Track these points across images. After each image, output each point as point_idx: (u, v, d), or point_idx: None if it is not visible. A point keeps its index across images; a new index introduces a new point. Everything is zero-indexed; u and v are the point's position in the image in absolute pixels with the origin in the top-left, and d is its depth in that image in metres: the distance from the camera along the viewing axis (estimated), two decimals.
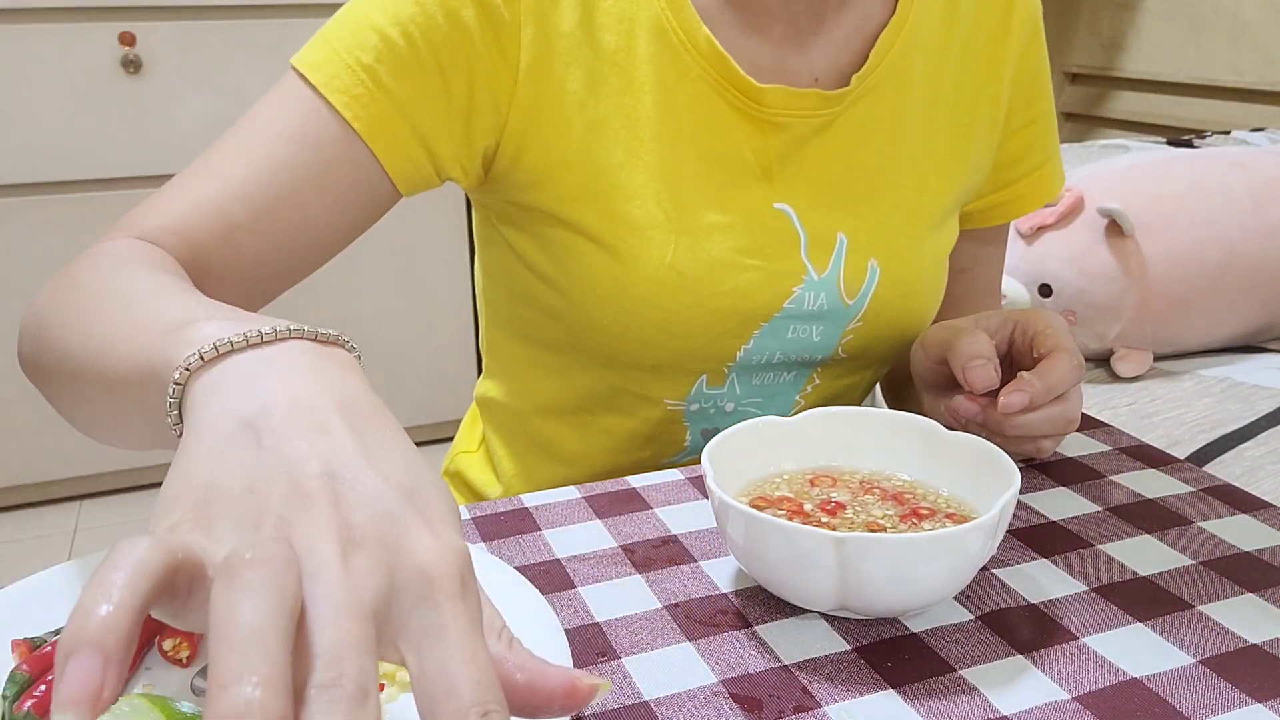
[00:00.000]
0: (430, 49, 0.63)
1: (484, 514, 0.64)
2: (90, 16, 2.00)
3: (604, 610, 0.54)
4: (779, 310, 0.71)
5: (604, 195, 0.66)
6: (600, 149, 0.66)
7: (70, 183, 2.08)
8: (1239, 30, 2.35)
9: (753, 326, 0.71)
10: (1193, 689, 0.47)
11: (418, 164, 0.66)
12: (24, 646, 0.50)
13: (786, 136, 0.69)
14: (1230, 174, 1.32)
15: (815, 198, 0.70)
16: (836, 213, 0.71)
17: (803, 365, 0.75)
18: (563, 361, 0.75)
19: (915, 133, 0.73)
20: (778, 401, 0.77)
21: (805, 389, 0.77)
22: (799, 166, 0.70)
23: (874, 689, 0.47)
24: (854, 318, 0.73)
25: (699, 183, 0.68)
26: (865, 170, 0.71)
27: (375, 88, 0.63)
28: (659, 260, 0.66)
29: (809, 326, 0.72)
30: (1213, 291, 1.28)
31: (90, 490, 2.31)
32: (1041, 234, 1.28)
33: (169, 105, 2.09)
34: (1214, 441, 1.11)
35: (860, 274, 0.72)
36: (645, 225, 0.66)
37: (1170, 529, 0.61)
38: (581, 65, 0.65)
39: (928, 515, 0.55)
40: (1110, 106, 2.72)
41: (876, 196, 0.72)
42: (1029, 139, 0.80)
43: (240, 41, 2.11)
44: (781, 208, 0.69)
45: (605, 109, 0.66)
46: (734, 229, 0.68)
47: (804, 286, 0.70)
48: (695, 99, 0.67)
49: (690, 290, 0.67)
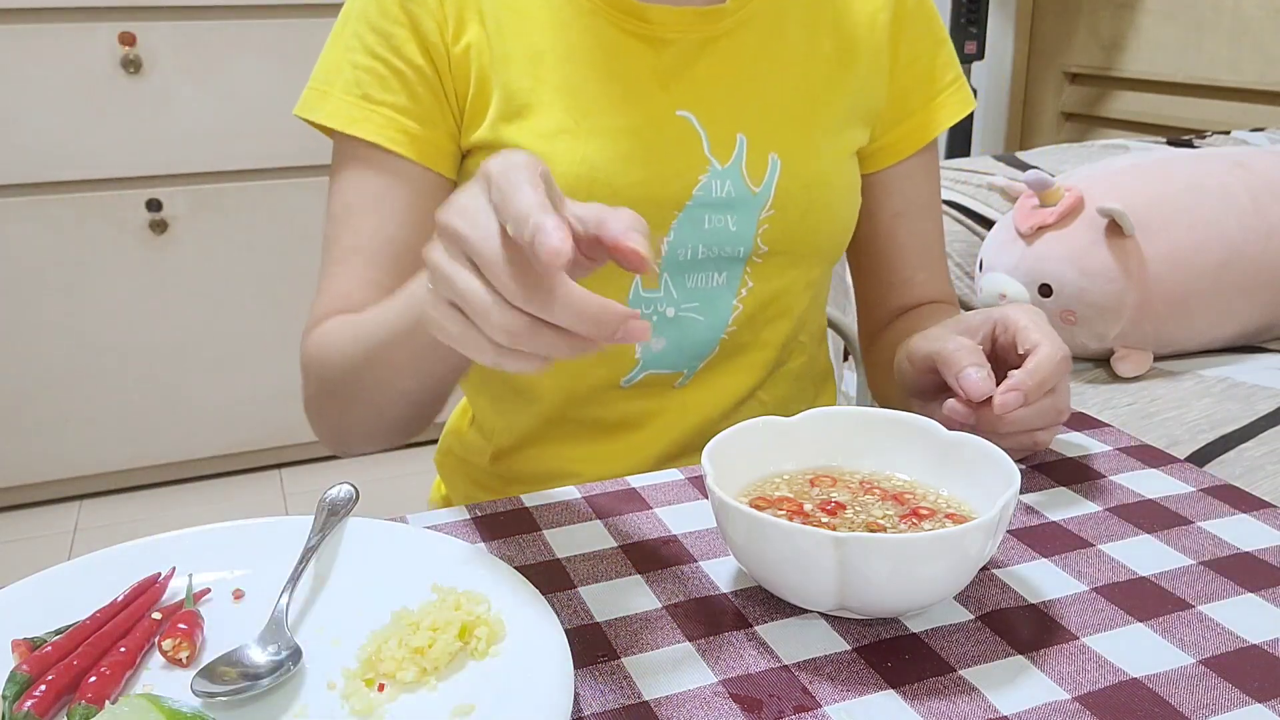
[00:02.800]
0: (394, 55, 0.76)
1: (484, 514, 0.64)
2: (90, 16, 2.00)
3: (604, 610, 0.54)
4: (690, 198, 0.78)
5: (518, 114, 0.76)
6: (510, 78, 0.76)
7: (70, 183, 2.08)
8: (1239, 30, 2.35)
9: (669, 215, 0.78)
10: (1193, 689, 0.47)
11: (443, 149, 0.78)
12: (24, 646, 0.50)
13: (675, 50, 0.78)
14: (1230, 174, 1.31)
15: (713, 104, 0.78)
16: (734, 116, 0.79)
17: (729, 261, 0.81)
18: None
19: (799, 51, 0.82)
20: (717, 306, 0.82)
21: (741, 291, 0.82)
22: (693, 79, 0.78)
23: (874, 689, 0.47)
24: (763, 206, 0.80)
25: (603, 95, 0.77)
26: (755, 81, 0.80)
27: (377, 107, 0.76)
28: (573, 158, 0.75)
29: (723, 216, 0.79)
30: (1213, 291, 1.27)
31: (90, 490, 2.31)
32: (1041, 234, 1.28)
33: (169, 105, 2.09)
34: (1214, 441, 1.11)
35: (762, 165, 0.79)
36: (557, 131, 0.76)
37: (1170, 529, 0.61)
38: (490, 11, 0.77)
39: (928, 515, 0.55)
40: (1110, 106, 2.72)
41: (769, 102, 0.80)
42: (917, 74, 0.87)
43: (240, 41, 2.11)
44: (683, 114, 0.78)
45: (509, 46, 0.76)
46: (640, 131, 0.77)
47: (709, 175, 0.78)
48: (589, 29, 0.77)
49: (603, 182, 0.75)
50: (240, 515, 1.05)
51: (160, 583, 0.55)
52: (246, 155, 2.18)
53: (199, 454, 2.33)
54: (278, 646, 0.50)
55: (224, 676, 0.48)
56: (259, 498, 2.31)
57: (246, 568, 0.57)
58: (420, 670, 0.48)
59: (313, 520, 0.59)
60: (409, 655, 0.48)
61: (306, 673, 0.49)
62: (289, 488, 2.35)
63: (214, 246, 2.20)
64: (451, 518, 0.63)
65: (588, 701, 0.47)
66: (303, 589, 0.55)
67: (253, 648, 0.50)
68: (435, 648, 0.48)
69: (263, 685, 0.47)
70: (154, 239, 2.15)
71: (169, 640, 0.50)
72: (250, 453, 2.38)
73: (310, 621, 0.53)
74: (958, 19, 2.65)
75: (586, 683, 0.48)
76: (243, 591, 0.55)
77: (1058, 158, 1.67)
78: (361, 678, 0.48)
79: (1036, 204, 1.29)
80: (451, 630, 0.49)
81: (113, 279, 2.14)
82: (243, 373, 2.30)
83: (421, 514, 0.64)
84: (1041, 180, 1.28)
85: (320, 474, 2.39)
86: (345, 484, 0.62)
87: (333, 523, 0.59)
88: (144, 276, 2.17)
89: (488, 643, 0.49)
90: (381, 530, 0.59)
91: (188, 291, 2.21)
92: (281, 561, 0.56)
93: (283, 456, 2.42)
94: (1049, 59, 2.87)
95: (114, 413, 2.22)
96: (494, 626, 0.50)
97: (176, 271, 2.19)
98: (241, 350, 2.29)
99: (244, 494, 2.33)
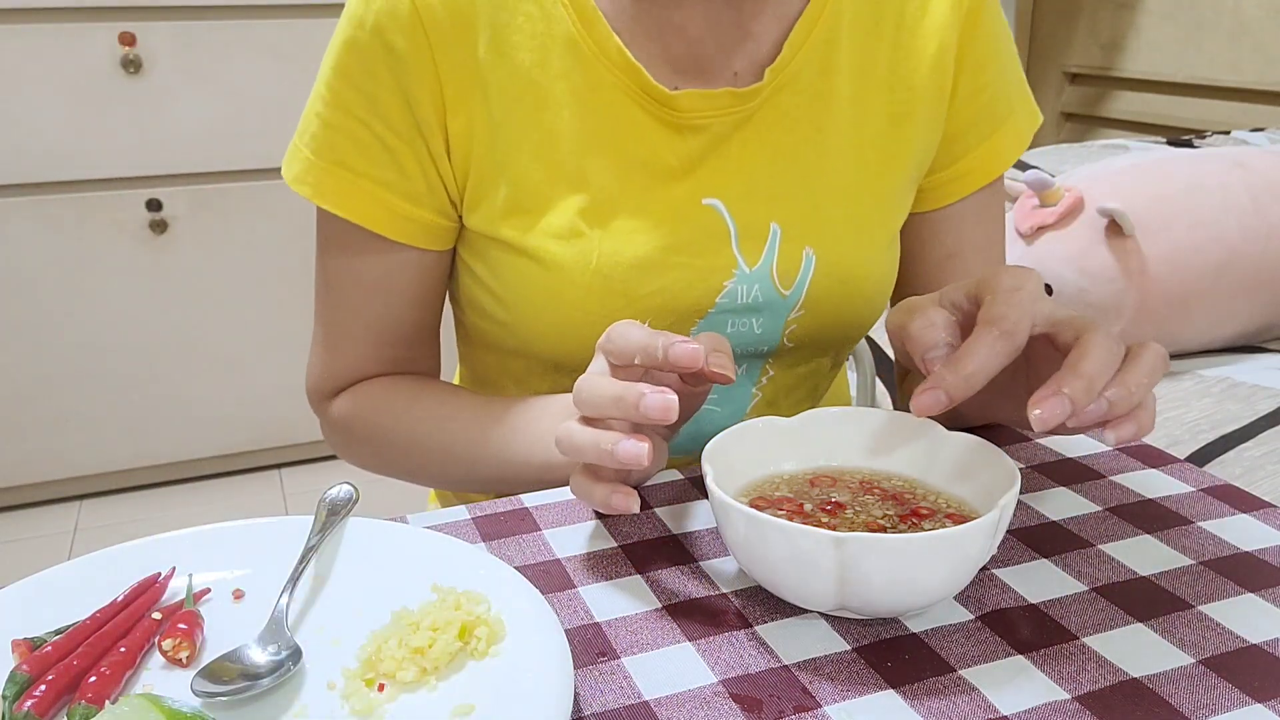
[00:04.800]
0: (374, 120, 0.69)
1: (484, 514, 0.64)
2: (90, 16, 2.00)
3: (604, 610, 0.54)
4: (712, 306, 0.71)
5: (528, 211, 0.69)
6: (519, 167, 0.69)
7: (70, 183, 2.08)
8: (1239, 30, 2.35)
9: (688, 324, 0.72)
10: (1193, 689, 0.47)
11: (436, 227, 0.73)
12: (24, 646, 0.50)
13: (706, 136, 0.70)
14: (1230, 174, 1.32)
15: (745, 190, 0.71)
16: (768, 203, 0.71)
17: (751, 357, 0.76)
18: (522, 366, 0.78)
19: (845, 117, 0.72)
20: (734, 398, 0.78)
21: (761, 380, 0.78)
22: (724, 161, 0.70)
23: (874, 689, 0.47)
24: (793, 308, 0.73)
25: (620, 188, 0.69)
26: (794, 159, 0.71)
27: (359, 180, 0.70)
28: (584, 266, 0.69)
29: (748, 320, 0.72)
30: (1213, 291, 1.28)
31: (90, 490, 2.31)
32: (1041, 234, 1.28)
33: (169, 105, 2.09)
34: (1214, 441, 1.11)
35: (795, 263, 0.71)
36: (568, 234, 0.69)
37: (1170, 529, 0.61)
38: (497, 87, 0.68)
39: (928, 515, 0.55)
40: (1110, 106, 2.72)
41: (810, 184, 0.72)
42: (980, 106, 0.77)
43: (240, 41, 2.11)
44: (710, 203, 0.70)
45: (522, 127, 0.68)
46: (659, 229, 0.69)
47: (735, 280, 0.71)
48: (611, 109, 0.69)
49: (618, 293, 0.69)
50: (240, 515, 1.05)
51: (160, 583, 0.55)
52: (246, 155, 2.18)
53: (199, 454, 2.33)
54: (278, 646, 0.50)
55: (224, 676, 0.48)
56: (259, 498, 2.31)
57: (246, 568, 0.57)
58: (420, 670, 0.48)
59: (313, 520, 0.59)
60: (409, 655, 0.48)
61: (306, 673, 0.49)
62: (289, 488, 2.35)
63: (214, 246, 2.21)
64: (451, 518, 0.63)
65: (588, 701, 0.47)
66: (303, 589, 0.55)
67: (253, 648, 0.50)
68: (435, 648, 0.48)
69: (263, 685, 0.47)
70: (154, 239, 2.15)
71: (169, 640, 0.50)
72: (250, 453, 2.38)
73: (310, 621, 0.53)
74: None
75: (586, 683, 0.48)
76: (243, 591, 0.55)
77: (1058, 158, 1.67)
78: (361, 678, 0.48)
79: (1036, 204, 1.29)
80: (451, 630, 0.49)
81: (113, 279, 2.14)
82: (243, 373, 2.30)
83: (421, 514, 0.64)
84: (1041, 180, 1.28)
85: (320, 474, 2.39)
86: (345, 484, 0.62)
87: (333, 523, 0.59)
88: (144, 276, 2.17)
89: (488, 643, 0.49)
90: (381, 530, 0.59)
91: (188, 291, 2.21)
92: (281, 561, 0.56)
93: (283, 456, 2.42)
94: (1049, 59, 2.87)
95: (114, 413, 2.22)
96: (494, 626, 0.50)
97: (176, 271, 2.19)
98: (241, 350, 2.29)
99: (244, 494, 2.33)
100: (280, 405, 2.33)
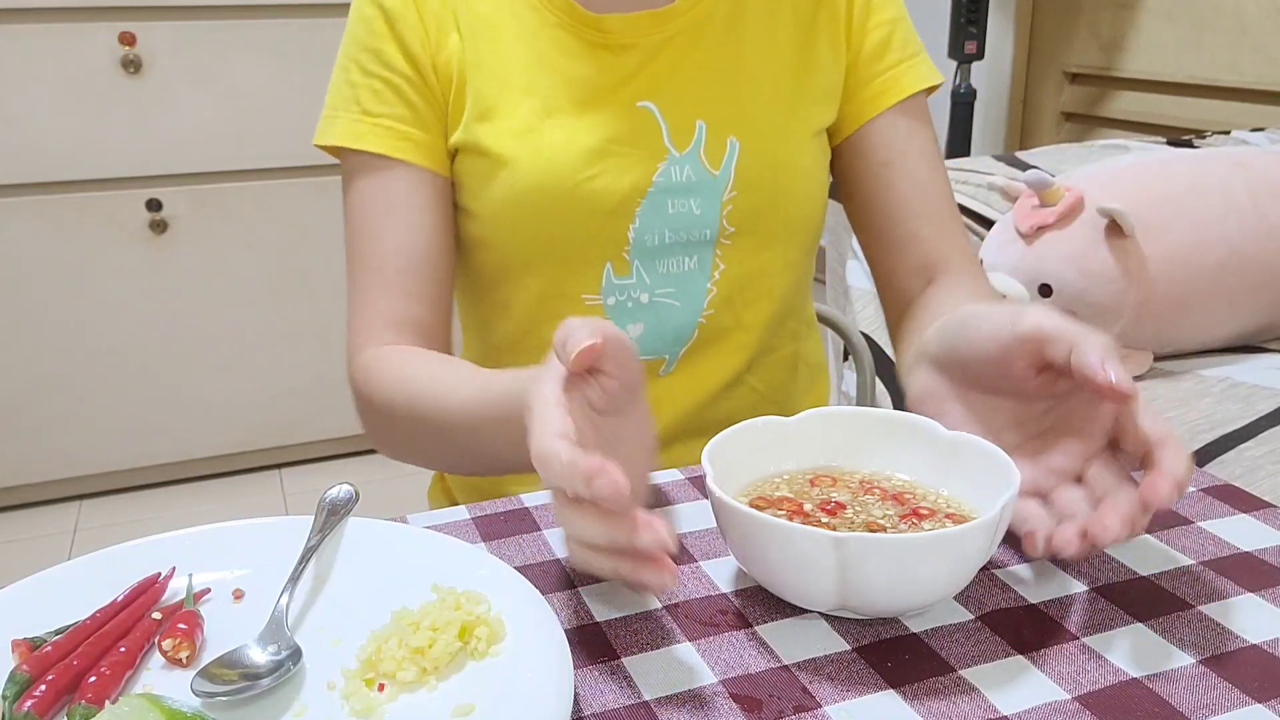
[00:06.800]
0: (386, 69, 0.82)
1: (484, 514, 0.64)
2: (90, 16, 2.00)
3: (604, 610, 0.54)
4: (650, 184, 0.82)
5: (488, 117, 0.82)
6: (481, 83, 0.82)
7: (70, 183, 2.08)
8: (1239, 30, 2.35)
9: (632, 203, 0.82)
10: (1193, 689, 0.47)
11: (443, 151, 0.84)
12: (24, 646, 0.50)
13: (636, 53, 0.82)
14: (1230, 174, 1.31)
15: (674, 95, 0.83)
16: (695, 105, 0.83)
17: (698, 244, 0.84)
18: (502, 296, 0.88)
19: (759, 41, 0.85)
20: (691, 291, 0.85)
21: (713, 274, 0.85)
22: (654, 73, 0.83)
23: (874, 689, 0.47)
24: (725, 188, 0.83)
25: (566, 97, 0.82)
26: (715, 71, 0.84)
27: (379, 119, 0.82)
28: (537, 154, 0.80)
29: (686, 200, 0.83)
30: (1213, 291, 1.28)
31: (90, 490, 2.31)
32: (1041, 234, 1.28)
33: (169, 105, 2.09)
34: (1214, 441, 1.11)
35: (720, 149, 0.83)
36: (522, 130, 0.81)
37: (1170, 529, 0.61)
38: (467, 29, 0.83)
39: (928, 515, 0.55)
40: (1110, 106, 2.72)
41: (729, 90, 0.84)
42: (881, 39, 0.89)
43: (240, 41, 2.11)
44: (645, 105, 0.82)
45: (484, 55, 0.82)
46: (601, 127, 0.81)
47: (668, 162, 0.82)
48: (554, 41, 0.83)
49: (567, 175, 0.80)
50: (240, 515, 1.05)
51: (160, 583, 0.55)
52: (246, 155, 2.18)
53: (199, 454, 2.33)
54: (278, 646, 0.50)
55: (224, 676, 0.48)
56: (259, 498, 2.31)
57: (246, 568, 0.57)
58: (420, 670, 0.48)
59: (313, 520, 0.59)
60: (409, 655, 0.48)
61: (306, 673, 0.49)
62: (289, 488, 2.35)
63: (214, 246, 2.21)
64: (451, 518, 0.63)
65: (588, 701, 0.47)
66: (303, 589, 0.55)
67: (253, 648, 0.50)
68: (435, 648, 0.48)
69: (263, 685, 0.47)
70: (154, 239, 2.15)
71: (169, 640, 0.50)
72: (250, 453, 2.38)
73: (310, 621, 0.53)
74: (957, 19, 2.65)
75: (586, 683, 0.48)
76: (243, 591, 0.55)
77: (1058, 158, 1.67)
78: (361, 678, 0.48)
79: (1036, 204, 1.29)
80: (451, 630, 0.49)
81: (113, 279, 2.14)
82: (242, 373, 2.30)
83: (421, 514, 0.64)
84: (1041, 180, 1.28)
85: (320, 474, 2.39)
86: (345, 484, 0.62)
87: (333, 523, 0.59)
88: (144, 276, 2.17)
89: (488, 643, 0.49)
90: (381, 530, 0.59)
91: (188, 291, 2.21)
92: (281, 561, 0.56)
93: (283, 456, 2.42)
94: (1049, 59, 2.87)
95: (114, 413, 2.22)
96: (494, 626, 0.50)
97: (176, 271, 2.19)
98: (241, 350, 2.29)
99: (244, 494, 2.33)
100: (280, 405, 2.33)
